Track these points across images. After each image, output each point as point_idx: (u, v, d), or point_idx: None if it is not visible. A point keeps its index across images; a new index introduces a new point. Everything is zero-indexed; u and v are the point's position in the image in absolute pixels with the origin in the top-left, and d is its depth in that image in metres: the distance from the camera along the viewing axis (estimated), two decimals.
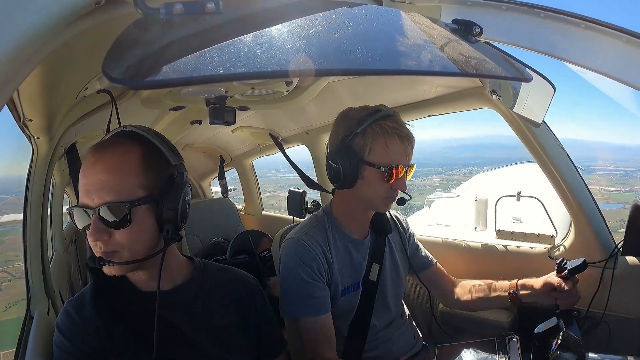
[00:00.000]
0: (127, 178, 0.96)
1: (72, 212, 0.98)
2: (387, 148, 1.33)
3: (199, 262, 1.21)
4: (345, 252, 1.48)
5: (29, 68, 0.67)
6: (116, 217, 0.94)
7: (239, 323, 1.17)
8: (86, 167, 0.97)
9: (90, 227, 0.95)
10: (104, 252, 0.96)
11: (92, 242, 0.96)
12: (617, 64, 0.90)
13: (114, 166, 0.96)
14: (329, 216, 1.51)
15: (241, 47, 0.65)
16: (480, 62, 0.92)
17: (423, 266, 1.69)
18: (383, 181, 1.35)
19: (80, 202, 0.97)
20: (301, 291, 1.37)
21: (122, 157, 0.98)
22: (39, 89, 1.15)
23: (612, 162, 22.92)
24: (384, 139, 1.33)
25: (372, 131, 1.33)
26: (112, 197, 0.94)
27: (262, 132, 2.96)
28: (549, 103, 1.31)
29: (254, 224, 3.88)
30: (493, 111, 1.72)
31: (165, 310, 1.03)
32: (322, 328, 1.38)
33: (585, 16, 0.89)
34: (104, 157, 0.97)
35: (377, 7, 1.00)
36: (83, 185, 0.97)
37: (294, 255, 1.39)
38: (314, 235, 1.43)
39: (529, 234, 1.94)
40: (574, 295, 1.39)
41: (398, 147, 1.35)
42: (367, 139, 1.33)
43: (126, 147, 0.99)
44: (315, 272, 1.38)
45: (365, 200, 1.42)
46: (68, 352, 0.99)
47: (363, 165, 1.35)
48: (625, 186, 17.77)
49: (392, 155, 1.34)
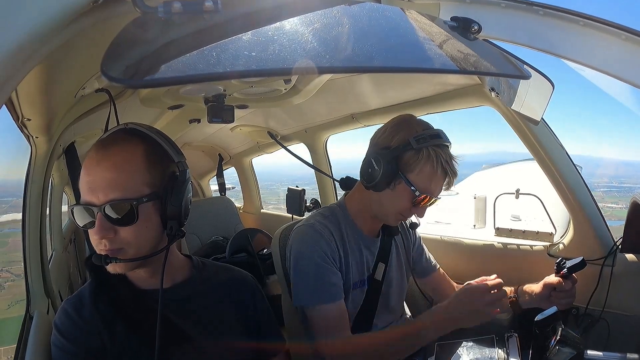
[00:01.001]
0: (133, 175, 0.97)
1: (73, 210, 0.98)
2: (431, 177, 1.32)
3: (197, 260, 1.21)
4: (357, 246, 1.48)
5: (28, 67, 0.67)
6: (122, 215, 0.95)
7: (238, 321, 1.17)
8: (90, 165, 0.96)
9: (95, 225, 0.95)
10: (110, 249, 0.96)
11: (97, 240, 0.96)
12: (616, 62, 0.90)
13: (120, 163, 0.96)
14: (344, 210, 1.50)
15: (240, 46, 0.65)
16: (479, 60, 0.92)
17: (426, 272, 1.69)
18: (410, 202, 1.34)
19: (83, 200, 0.96)
20: (317, 276, 1.35)
21: (128, 155, 0.98)
22: (37, 88, 1.14)
23: (616, 179, 22.85)
24: (433, 167, 1.31)
25: (427, 154, 1.30)
26: (119, 195, 0.94)
27: (261, 131, 2.96)
28: (548, 100, 1.32)
29: (253, 222, 3.88)
30: (497, 125, 1.73)
31: (165, 308, 1.03)
32: (340, 313, 1.37)
33: (584, 14, 0.89)
34: (109, 154, 0.97)
35: (376, 5, 0.99)
36: (87, 182, 0.96)
37: (308, 240, 1.38)
38: (327, 225, 1.42)
39: (527, 232, 1.95)
40: (571, 295, 1.39)
41: (440, 181, 1.35)
42: (419, 160, 1.31)
43: (130, 144, 0.99)
44: (329, 258, 1.37)
45: (383, 209, 1.41)
46: (67, 351, 0.99)
47: (400, 179, 1.32)
48: (628, 203, 17.55)
49: (432, 185, 1.34)
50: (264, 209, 4.03)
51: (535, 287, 1.47)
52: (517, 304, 1.50)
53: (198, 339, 1.08)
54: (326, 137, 2.85)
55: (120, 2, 0.71)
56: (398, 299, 1.62)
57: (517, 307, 1.50)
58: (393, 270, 1.57)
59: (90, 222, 0.96)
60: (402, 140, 1.32)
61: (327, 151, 2.93)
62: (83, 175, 0.97)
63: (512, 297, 1.51)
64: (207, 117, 1.86)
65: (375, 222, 1.52)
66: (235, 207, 3.82)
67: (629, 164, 66.54)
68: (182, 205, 1.01)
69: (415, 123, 1.37)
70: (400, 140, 1.33)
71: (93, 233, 0.96)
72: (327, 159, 2.94)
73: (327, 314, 1.35)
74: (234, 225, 3.63)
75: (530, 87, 1.27)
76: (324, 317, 1.35)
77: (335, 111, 2.45)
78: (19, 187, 1.64)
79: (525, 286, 1.51)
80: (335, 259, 1.39)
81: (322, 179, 2.98)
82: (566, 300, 1.39)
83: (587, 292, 1.64)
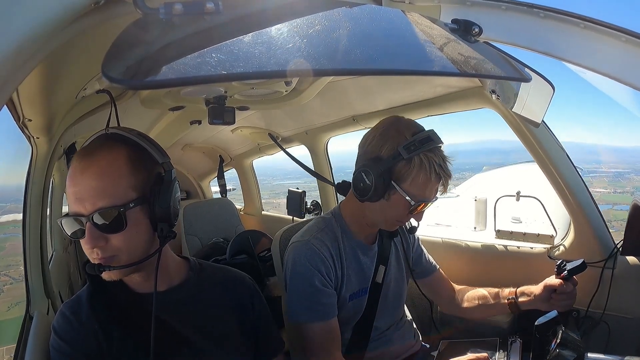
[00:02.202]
0: (118, 181, 0.95)
1: (62, 222, 0.97)
2: (426, 184, 1.29)
3: (194, 262, 1.20)
4: (354, 256, 1.47)
5: (29, 68, 0.67)
6: (111, 222, 0.94)
7: (236, 323, 1.17)
8: (74, 175, 0.95)
9: (85, 235, 0.94)
10: (102, 257, 0.95)
11: (89, 249, 0.96)
12: (617, 64, 0.90)
13: (104, 170, 0.95)
14: (339, 219, 1.48)
15: (241, 47, 0.65)
16: (480, 62, 0.92)
17: (425, 273, 1.68)
18: (406, 209, 1.33)
19: (71, 210, 0.96)
20: (311, 297, 1.36)
21: (111, 161, 0.96)
22: (38, 88, 1.15)
23: (607, 165, 23.03)
24: (426, 174, 1.27)
25: (419, 162, 1.27)
26: (105, 202, 0.93)
27: (262, 132, 2.96)
28: (549, 103, 1.32)
29: (254, 224, 3.88)
30: (487, 115, 1.73)
31: (161, 311, 1.03)
32: (331, 332, 1.38)
33: (584, 16, 0.89)
34: (92, 162, 0.95)
35: (377, 7, 0.99)
36: (73, 193, 0.95)
37: (303, 260, 1.37)
38: (323, 239, 1.40)
39: (528, 234, 1.94)
40: (572, 297, 1.39)
41: (435, 185, 1.32)
42: (411, 169, 1.27)
43: (113, 150, 0.98)
44: (325, 278, 1.37)
45: (379, 218, 1.40)
46: (65, 354, 0.99)
47: (394, 189, 1.30)
48: (617, 187, 17.73)
49: (427, 191, 1.31)
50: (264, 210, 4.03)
51: (534, 289, 1.46)
52: (516, 305, 1.50)
53: (195, 340, 1.08)
54: (327, 139, 2.85)
55: (121, 3, 0.72)
56: (399, 300, 1.62)
57: (516, 309, 1.50)
58: (393, 272, 1.56)
59: (79, 230, 0.96)
60: (391, 150, 1.28)
61: (327, 153, 2.93)
62: (69, 185, 0.96)
63: (510, 298, 1.51)
64: (208, 119, 1.85)
65: (372, 230, 1.51)
66: (236, 208, 3.82)
67: (618, 150, 67.20)
68: (170, 206, 1.00)
69: (404, 127, 1.32)
70: (389, 149, 1.29)
71: (84, 243, 0.95)
72: (327, 161, 2.94)
73: (319, 331, 1.36)
74: (234, 227, 3.62)
75: (531, 89, 1.27)
76: (315, 334, 1.36)
77: (336, 113, 2.45)
78: (17, 191, 1.64)
79: (525, 287, 1.50)
80: (331, 277, 1.39)
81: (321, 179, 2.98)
82: (566, 302, 1.39)
83: (587, 295, 1.63)
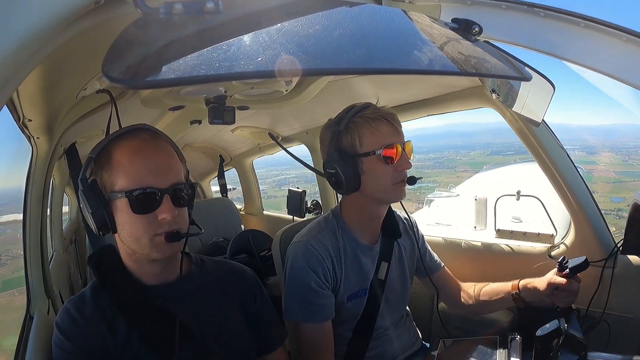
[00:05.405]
0: (180, 164, 1.07)
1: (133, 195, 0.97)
2: (375, 132, 1.32)
3: (195, 257, 1.23)
4: (354, 257, 1.46)
5: (29, 68, 0.67)
6: (186, 197, 1.04)
7: (240, 314, 1.19)
8: (144, 150, 1.00)
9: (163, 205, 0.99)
10: (176, 229, 1.01)
11: (169, 218, 0.99)
12: (617, 63, 0.90)
13: (170, 152, 1.05)
14: (339, 220, 1.48)
15: (241, 47, 0.65)
16: (480, 61, 0.92)
17: (431, 270, 1.68)
18: (385, 166, 1.32)
19: (145, 183, 0.98)
20: (306, 297, 1.37)
21: (170, 146, 1.07)
22: (38, 88, 1.15)
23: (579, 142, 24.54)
24: (368, 125, 1.33)
25: (355, 124, 1.34)
26: (180, 179, 1.03)
27: (262, 132, 2.96)
28: (549, 102, 1.32)
29: (254, 223, 3.88)
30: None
31: (168, 303, 1.05)
32: (324, 334, 1.39)
33: (585, 15, 0.89)
34: (158, 142, 1.04)
35: (377, 7, 0.99)
36: (145, 167, 0.99)
37: (301, 260, 1.38)
38: (322, 240, 1.41)
39: (528, 233, 1.94)
40: (573, 294, 1.39)
41: (385, 127, 1.34)
42: (353, 132, 1.34)
43: (162, 139, 1.07)
44: (321, 279, 1.37)
45: (376, 195, 1.39)
46: (68, 351, 0.99)
47: (359, 160, 1.33)
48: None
49: (383, 137, 1.32)
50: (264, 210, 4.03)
51: (537, 283, 1.45)
52: (521, 299, 1.49)
53: (201, 332, 1.09)
54: None
55: (121, 3, 0.72)
56: (401, 299, 1.61)
57: (521, 302, 1.50)
58: (395, 271, 1.56)
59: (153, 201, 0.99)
60: (331, 135, 1.38)
61: None
62: (137, 160, 0.99)
63: (515, 293, 1.51)
64: (208, 119, 1.85)
65: (373, 228, 1.51)
66: (236, 208, 3.82)
67: (591, 128, 71.10)
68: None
69: (332, 119, 1.43)
70: (330, 137, 1.38)
71: (164, 213, 0.98)
72: None
73: (312, 332, 1.38)
74: (234, 227, 3.62)
75: (531, 88, 1.27)
76: (309, 334, 1.38)
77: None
78: (16, 192, 1.65)
79: (527, 281, 1.49)
80: (328, 278, 1.39)
81: (322, 179, 2.98)
82: (568, 299, 1.39)
83: (588, 294, 1.63)
